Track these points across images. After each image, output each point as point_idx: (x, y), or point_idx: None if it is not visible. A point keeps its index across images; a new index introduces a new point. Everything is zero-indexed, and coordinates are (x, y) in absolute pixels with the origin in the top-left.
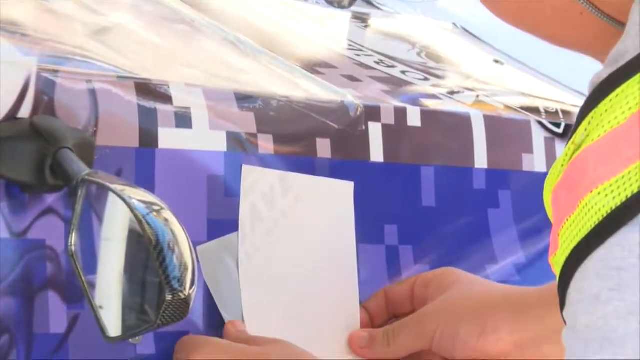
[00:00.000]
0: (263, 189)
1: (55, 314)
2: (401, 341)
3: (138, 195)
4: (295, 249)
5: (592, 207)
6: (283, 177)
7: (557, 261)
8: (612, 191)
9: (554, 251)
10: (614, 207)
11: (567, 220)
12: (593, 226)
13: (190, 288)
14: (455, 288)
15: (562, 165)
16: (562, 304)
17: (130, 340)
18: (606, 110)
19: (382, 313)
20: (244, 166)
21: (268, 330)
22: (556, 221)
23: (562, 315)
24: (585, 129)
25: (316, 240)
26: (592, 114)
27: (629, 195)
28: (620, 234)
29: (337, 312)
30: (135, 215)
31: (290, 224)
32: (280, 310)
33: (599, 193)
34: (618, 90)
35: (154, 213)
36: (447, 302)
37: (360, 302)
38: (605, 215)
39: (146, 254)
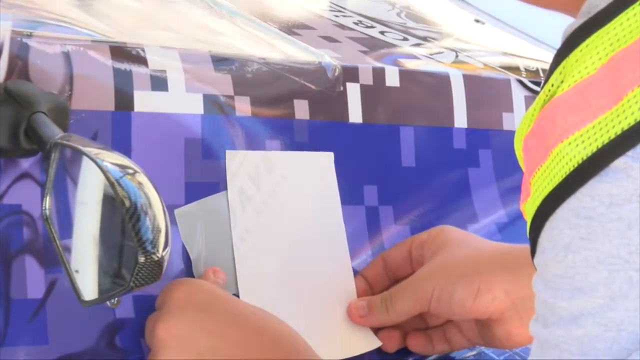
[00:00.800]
0: (249, 171)
1: (32, 279)
2: (399, 307)
3: (112, 159)
4: (286, 225)
5: (563, 158)
6: (266, 156)
7: (528, 209)
8: (583, 141)
9: (525, 198)
10: (584, 158)
11: (539, 169)
12: (564, 176)
13: (164, 250)
14: (447, 249)
15: (533, 115)
16: (533, 252)
17: (108, 303)
18: (576, 61)
19: (382, 279)
20: (227, 151)
21: (266, 307)
22: (527, 169)
23: (533, 262)
24: (557, 79)
25: (305, 215)
26: (563, 63)
27: (599, 146)
28: (590, 184)
29: (332, 282)
30: (108, 179)
31: (278, 202)
32: (276, 287)
33: (569, 143)
34: (588, 41)
35: (128, 176)
36: (440, 264)
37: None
38: (575, 165)
39: (121, 218)
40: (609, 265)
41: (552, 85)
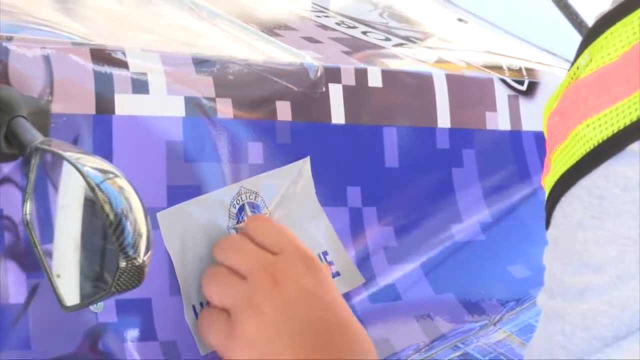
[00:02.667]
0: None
1: (14, 284)
2: None
3: (92, 163)
4: None
5: (581, 139)
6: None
7: (547, 183)
8: (600, 125)
9: (546, 173)
10: (600, 140)
11: (558, 147)
12: (581, 156)
13: (145, 254)
14: None
15: (558, 94)
16: (547, 225)
17: (92, 308)
18: (601, 47)
19: None
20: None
21: None
22: (549, 146)
23: (547, 235)
24: (582, 62)
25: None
26: (589, 48)
27: (616, 130)
28: (605, 166)
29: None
30: (89, 183)
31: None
32: None
33: (587, 126)
34: (613, 28)
35: (108, 181)
36: None
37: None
38: (592, 147)
39: (102, 222)
40: (619, 245)
41: (578, 68)
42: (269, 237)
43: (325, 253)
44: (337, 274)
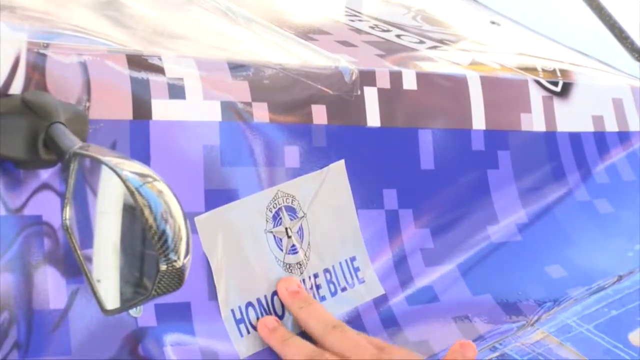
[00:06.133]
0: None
1: (54, 289)
2: None
3: (131, 167)
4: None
5: None
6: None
7: None
8: None
9: None
10: None
11: None
12: None
13: (185, 258)
14: None
15: None
16: None
17: (131, 312)
18: None
19: None
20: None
21: None
22: None
23: None
24: None
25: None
26: None
27: None
28: None
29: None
30: (128, 187)
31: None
32: None
33: None
34: None
35: (147, 184)
36: None
37: None
38: None
39: (141, 226)
40: None
41: None
42: None
43: (353, 259)
44: (362, 281)
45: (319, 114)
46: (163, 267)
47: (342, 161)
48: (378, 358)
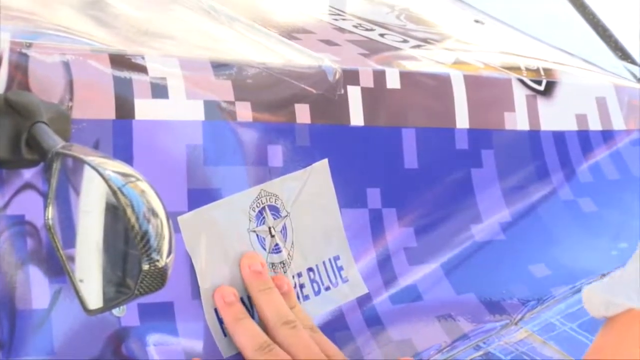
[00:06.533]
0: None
1: (37, 289)
2: None
3: (114, 167)
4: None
5: None
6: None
7: None
8: None
9: None
10: None
11: None
12: None
13: (167, 257)
14: None
15: None
16: None
17: (114, 312)
18: None
19: None
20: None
21: None
22: None
23: None
24: None
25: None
26: None
27: None
28: None
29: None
30: (110, 187)
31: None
32: None
33: None
34: None
35: (130, 184)
36: None
37: None
38: None
39: (124, 226)
40: None
41: None
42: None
43: (336, 258)
44: (346, 280)
45: (303, 113)
46: (145, 266)
47: (326, 160)
48: None
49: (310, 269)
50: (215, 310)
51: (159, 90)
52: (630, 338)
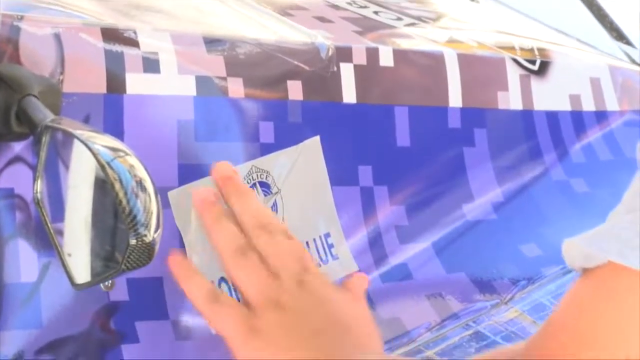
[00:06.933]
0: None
1: (25, 262)
2: None
3: (103, 141)
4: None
5: None
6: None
7: None
8: None
9: None
10: None
11: None
12: None
13: (155, 232)
14: None
15: None
16: None
17: (102, 286)
18: None
19: None
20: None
21: None
22: None
23: None
24: None
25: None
26: None
27: None
28: None
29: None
30: (99, 161)
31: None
32: None
33: None
34: None
35: (119, 159)
36: None
37: None
38: None
39: (112, 200)
40: None
41: None
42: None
43: (327, 235)
44: (336, 257)
45: (295, 90)
46: (133, 241)
47: (318, 137)
48: (298, 279)
49: None
50: None
51: (151, 65)
52: (605, 291)
